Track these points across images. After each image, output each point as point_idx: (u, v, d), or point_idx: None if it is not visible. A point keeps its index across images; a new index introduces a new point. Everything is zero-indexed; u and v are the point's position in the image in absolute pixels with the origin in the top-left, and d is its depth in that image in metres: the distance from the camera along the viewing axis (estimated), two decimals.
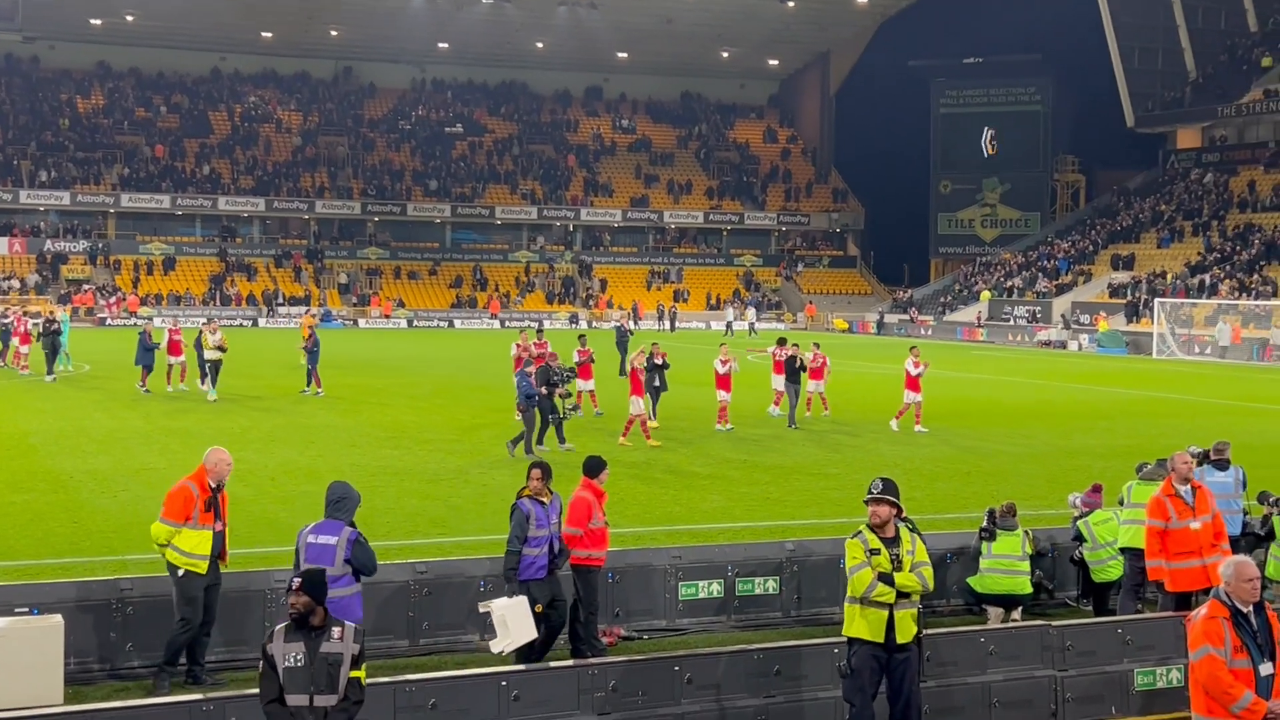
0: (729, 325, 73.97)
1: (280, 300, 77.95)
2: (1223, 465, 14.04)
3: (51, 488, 19.92)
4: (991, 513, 13.66)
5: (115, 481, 20.42)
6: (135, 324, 69.98)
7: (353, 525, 10.17)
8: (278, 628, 7.85)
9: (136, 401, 31.90)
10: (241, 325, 71.09)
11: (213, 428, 26.86)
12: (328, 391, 33.61)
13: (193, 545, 11.09)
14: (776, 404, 30.40)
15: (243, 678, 11.19)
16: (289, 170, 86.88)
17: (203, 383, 32.95)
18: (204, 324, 35.04)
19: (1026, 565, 13.40)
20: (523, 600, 11.07)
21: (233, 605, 11.61)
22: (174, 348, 34.23)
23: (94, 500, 18.96)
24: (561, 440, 24.35)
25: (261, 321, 73.53)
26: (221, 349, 31.99)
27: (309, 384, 33.78)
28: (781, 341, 30.97)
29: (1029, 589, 13.40)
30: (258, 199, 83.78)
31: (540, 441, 24.11)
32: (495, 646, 11.00)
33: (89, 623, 11.35)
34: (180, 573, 11.08)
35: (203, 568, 11.09)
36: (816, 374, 29.62)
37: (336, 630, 7.80)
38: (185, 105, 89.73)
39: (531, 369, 24.39)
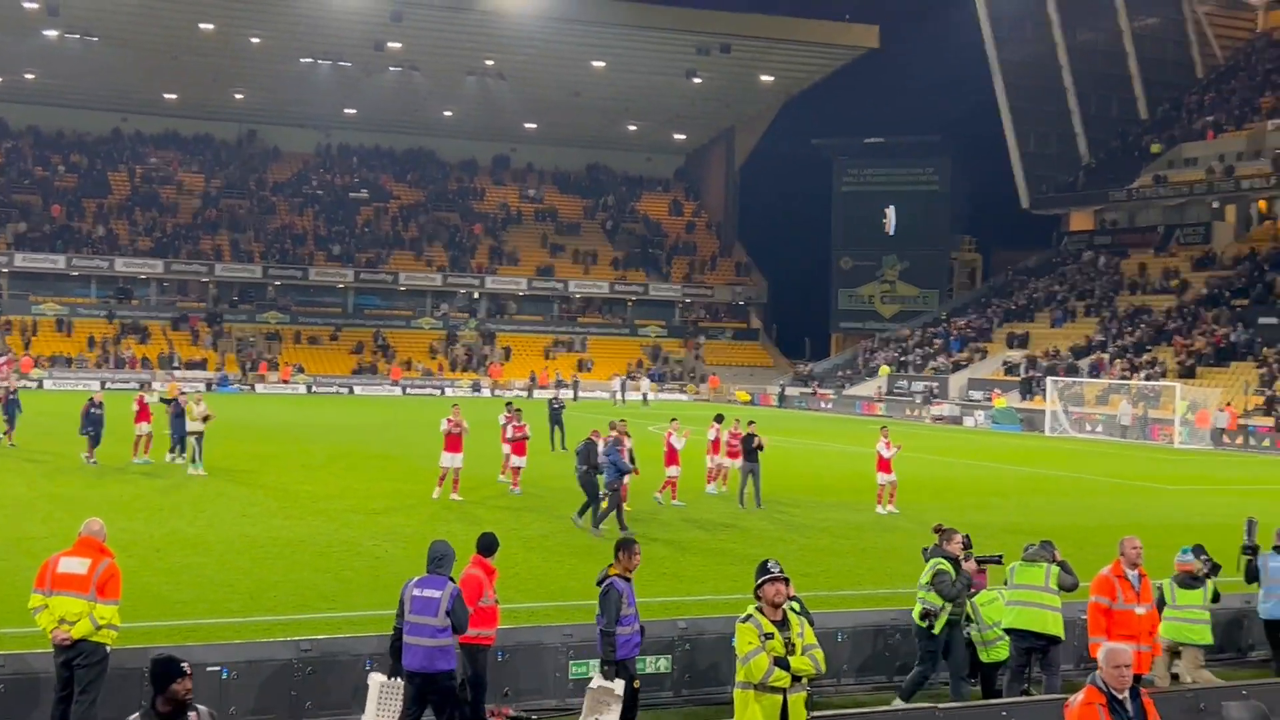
0: (616, 395, 73.43)
1: (176, 364, 76.69)
2: None
3: None
4: (939, 529, 13.71)
5: None
6: (23, 385, 68.41)
7: (453, 581, 11.12)
8: (133, 718, 7.56)
9: (19, 467, 31.06)
10: (133, 389, 69.74)
11: (100, 495, 26.22)
12: (220, 462, 32.83)
13: (116, 620, 11.10)
14: (711, 480, 30.02)
15: None
16: (189, 232, 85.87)
17: (175, 454, 31.25)
18: (181, 393, 33.20)
19: (922, 594, 13.25)
20: (623, 683, 11.16)
21: (108, 685, 11.25)
22: (142, 414, 32.54)
23: None
24: (595, 521, 23.85)
25: (156, 385, 72.07)
26: (207, 419, 30.77)
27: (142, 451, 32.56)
28: (719, 418, 30.60)
29: (916, 614, 13.27)
30: (156, 261, 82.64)
31: (586, 515, 23.97)
32: None
33: None
34: (109, 650, 10.94)
35: None
36: (734, 452, 29.39)
37: (193, 715, 7.56)
38: (84, 165, 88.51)
39: (624, 445, 24.20)
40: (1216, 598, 14.10)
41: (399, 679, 11.10)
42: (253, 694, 11.76)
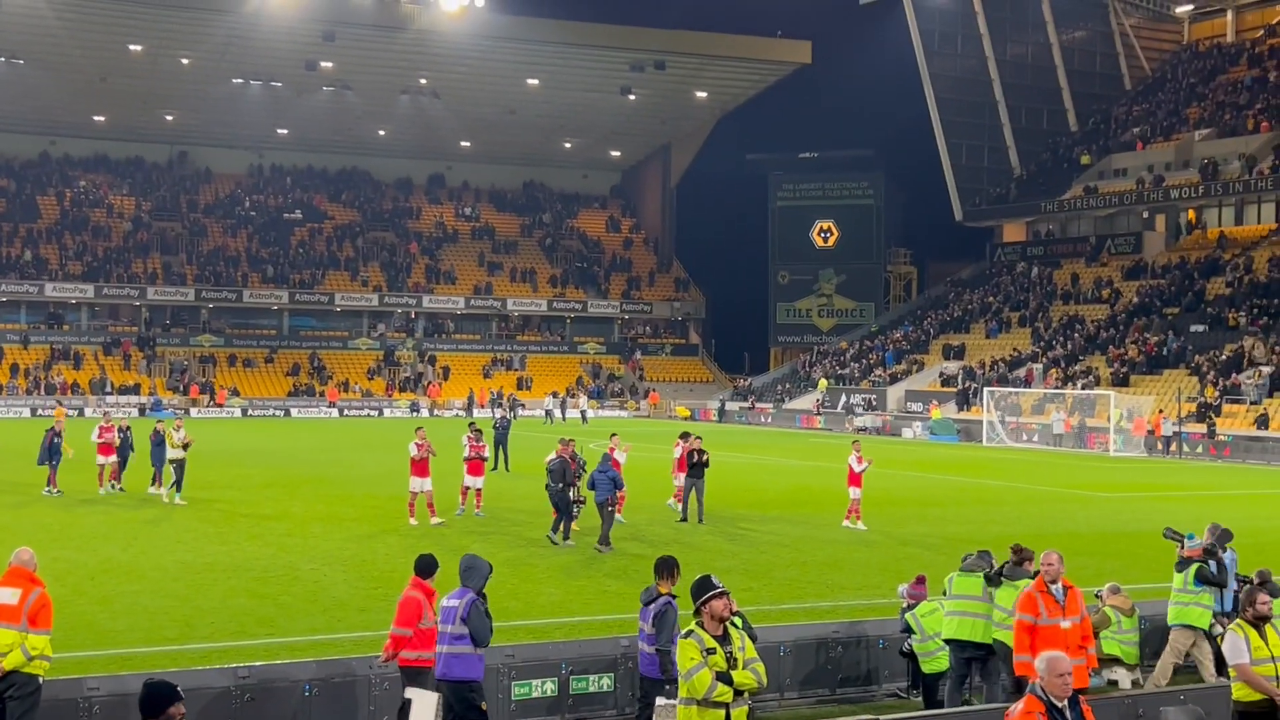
0: (548, 414, 72.92)
1: (109, 389, 75.69)
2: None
3: None
4: (1017, 549, 13.29)
5: None
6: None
7: (479, 593, 11.20)
8: None
9: None
10: (68, 415, 68.82)
11: (31, 524, 25.80)
12: (142, 488, 32.30)
13: (49, 651, 10.92)
14: (678, 498, 29.70)
15: None
16: (120, 256, 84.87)
17: (156, 484, 30.28)
18: (159, 421, 31.83)
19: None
20: None
21: (41, 716, 11.04)
22: (105, 447, 31.48)
23: None
24: (567, 536, 24.31)
25: (88, 411, 71.14)
26: (187, 445, 29.81)
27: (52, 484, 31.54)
28: (685, 435, 30.12)
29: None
30: (87, 285, 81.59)
31: (565, 534, 24.27)
32: None
33: None
34: (41, 681, 10.77)
35: None
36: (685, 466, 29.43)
37: None
38: (12, 189, 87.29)
39: (578, 461, 24.71)
40: (1201, 578, 14.26)
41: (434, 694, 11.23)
42: None
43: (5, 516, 27.13)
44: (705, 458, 27.66)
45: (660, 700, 11.15)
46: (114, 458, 31.89)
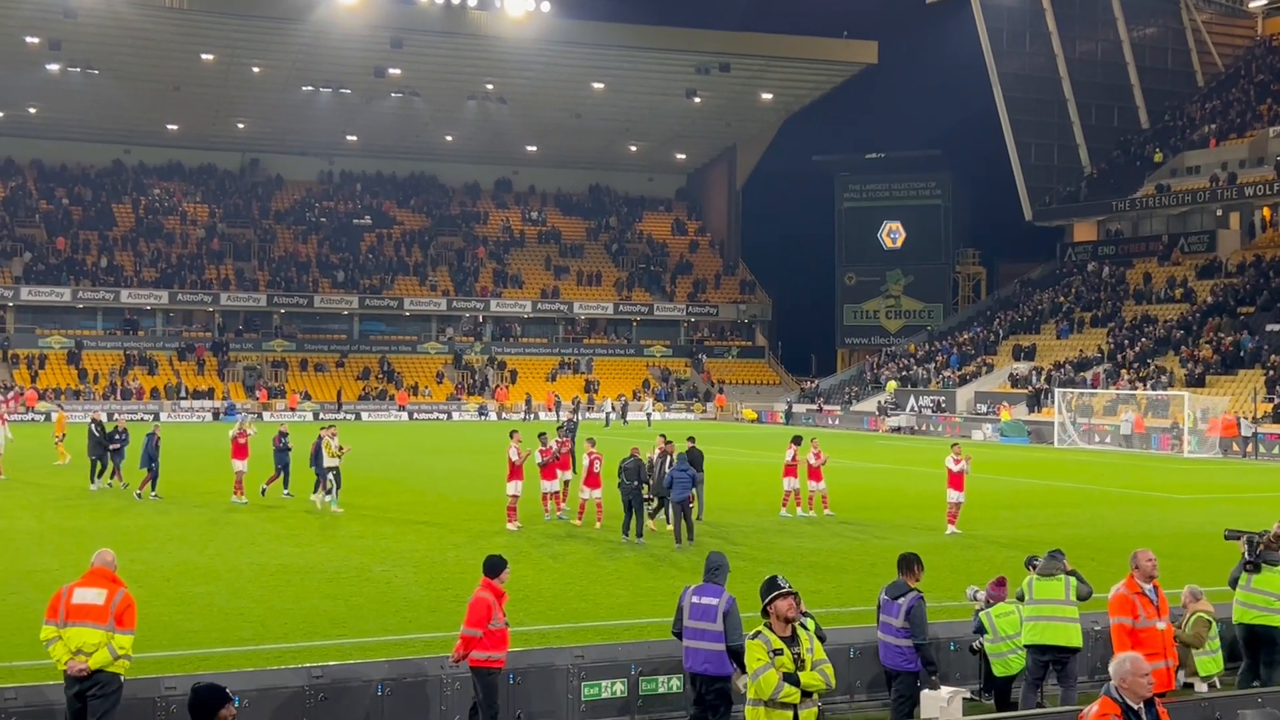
0: (607, 418, 72.81)
1: (183, 393, 76.79)
2: None
3: None
4: (1252, 541, 13.44)
5: (3, 584, 19.79)
6: (30, 419, 68.43)
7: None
8: None
9: (28, 499, 31.07)
10: (143, 419, 69.88)
11: (109, 527, 26.25)
12: (227, 491, 32.78)
13: (131, 651, 11.19)
14: (786, 504, 29.60)
15: None
16: (193, 262, 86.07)
17: (318, 492, 30.03)
18: (323, 429, 31.26)
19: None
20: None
21: (121, 715, 11.23)
22: (239, 451, 31.44)
23: None
24: (640, 534, 24.98)
25: (164, 415, 72.27)
26: (343, 452, 29.73)
27: (115, 475, 33.45)
28: (797, 440, 30.06)
29: None
30: (161, 291, 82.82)
31: (639, 532, 24.96)
32: None
33: None
34: (122, 680, 11.02)
35: None
36: (815, 473, 29.35)
37: None
38: (88, 197, 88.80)
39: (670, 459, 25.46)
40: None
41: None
42: None
43: (81, 520, 27.62)
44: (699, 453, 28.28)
45: (926, 692, 11.56)
46: (245, 464, 31.53)
